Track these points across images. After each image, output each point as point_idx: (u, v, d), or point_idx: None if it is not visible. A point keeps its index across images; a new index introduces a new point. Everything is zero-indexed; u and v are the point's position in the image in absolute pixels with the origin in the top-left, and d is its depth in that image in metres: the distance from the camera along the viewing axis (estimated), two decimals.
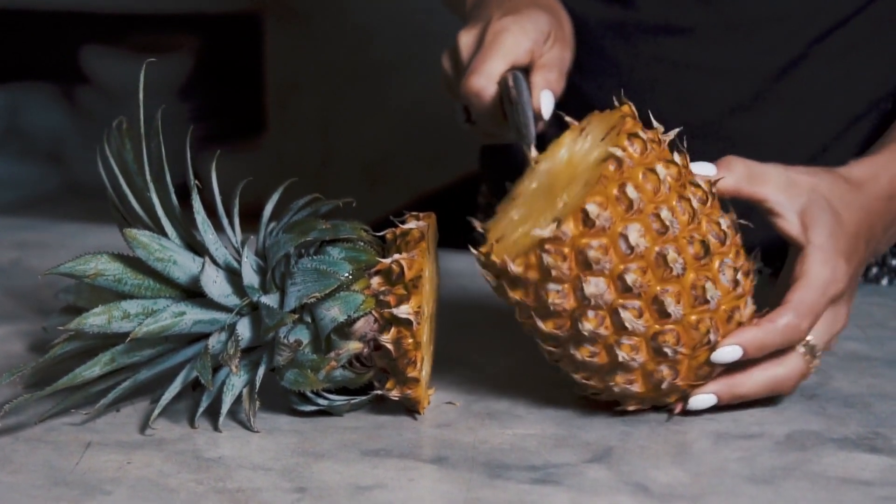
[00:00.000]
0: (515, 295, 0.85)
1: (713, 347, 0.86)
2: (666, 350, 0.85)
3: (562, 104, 1.24)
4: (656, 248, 0.84)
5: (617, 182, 0.84)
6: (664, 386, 0.86)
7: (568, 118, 0.91)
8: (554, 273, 0.83)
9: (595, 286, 0.83)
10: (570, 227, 0.83)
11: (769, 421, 0.90)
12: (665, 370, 0.86)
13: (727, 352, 0.86)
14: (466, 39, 1.06)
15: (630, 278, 0.83)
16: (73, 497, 0.80)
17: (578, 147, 0.89)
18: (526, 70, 1.04)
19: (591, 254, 0.83)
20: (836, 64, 1.17)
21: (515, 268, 0.84)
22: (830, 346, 0.93)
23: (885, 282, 1.24)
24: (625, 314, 0.84)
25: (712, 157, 1.20)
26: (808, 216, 0.91)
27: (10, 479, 0.82)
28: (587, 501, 0.79)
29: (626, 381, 0.86)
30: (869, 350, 1.03)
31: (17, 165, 2.94)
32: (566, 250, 0.83)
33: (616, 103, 0.88)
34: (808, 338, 0.90)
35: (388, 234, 0.91)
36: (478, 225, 0.89)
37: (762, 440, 0.87)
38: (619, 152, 0.84)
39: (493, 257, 0.86)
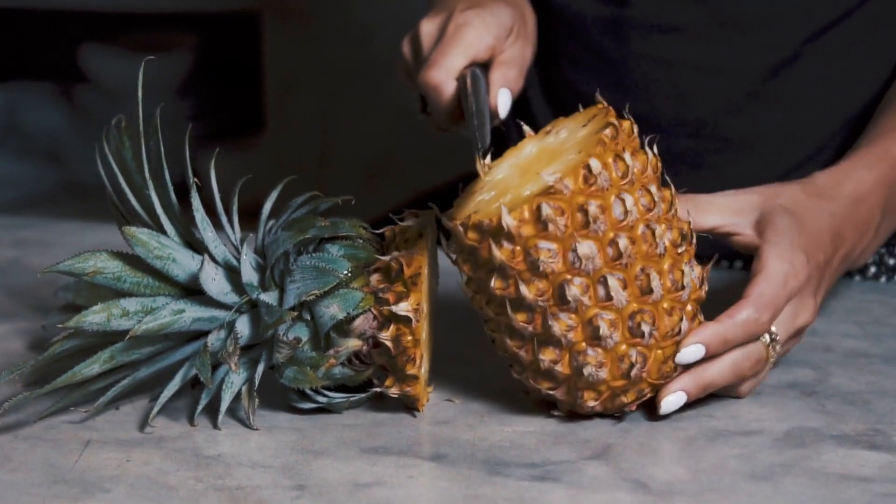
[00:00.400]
0: (502, 254, 0.83)
1: (680, 340, 0.86)
2: (644, 329, 0.84)
3: (559, 100, 1.25)
4: (644, 222, 0.85)
5: (612, 151, 0.84)
6: (632, 374, 0.85)
7: (526, 127, 0.91)
8: (550, 228, 0.83)
9: (588, 248, 0.83)
10: (570, 182, 0.83)
11: (768, 418, 0.90)
12: (635, 355, 0.85)
13: (690, 351, 0.86)
14: (428, 28, 1.05)
15: (622, 244, 0.84)
16: (73, 495, 0.80)
17: (551, 140, 0.89)
18: (486, 66, 1.03)
19: (592, 210, 0.83)
20: (830, 63, 1.17)
21: (511, 220, 0.83)
22: (800, 338, 0.94)
23: (883, 280, 1.24)
24: (612, 282, 0.84)
25: (708, 156, 1.21)
26: (762, 223, 0.93)
27: (9, 477, 0.82)
28: (586, 498, 0.79)
29: (597, 364, 0.85)
30: (868, 347, 1.03)
31: (15, 164, 2.94)
32: (564, 206, 0.83)
33: (600, 100, 0.88)
34: (772, 329, 0.90)
35: (387, 231, 0.91)
36: (441, 216, 0.88)
37: (761, 437, 0.87)
38: (615, 121, 0.85)
39: (481, 217, 0.84)
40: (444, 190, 0.98)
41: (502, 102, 1.01)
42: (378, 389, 0.89)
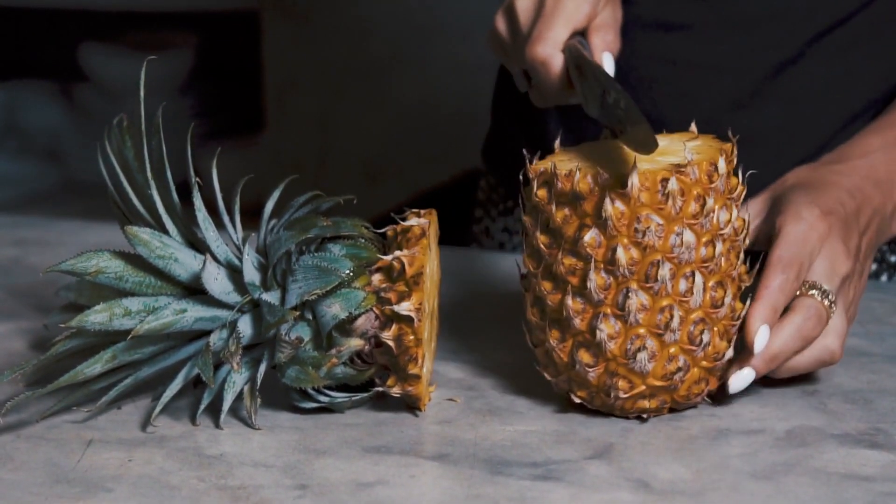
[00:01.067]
0: (613, 211, 0.84)
1: (721, 366, 0.88)
2: (703, 338, 0.86)
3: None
4: (732, 241, 0.88)
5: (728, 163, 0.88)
6: (675, 378, 0.86)
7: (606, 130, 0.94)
8: (669, 203, 0.84)
9: (692, 237, 0.85)
10: (698, 170, 0.85)
11: (770, 417, 0.90)
12: (683, 361, 0.86)
13: (761, 335, 0.88)
14: (524, 3, 1.05)
15: (718, 249, 0.86)
16: (75, 494, 0.80)
17: (677, 144, 0.90)
18: (582, 33, 1.04)
19: (709, 204, 0.85)
20: (834, 62, 1.17)
21: (637, 180, 0.83)
22: (851, 287, 0.95)
23: (884, 278, 1.24)
24: (699, 279, 0.85)
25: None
26: (777, 206, 0.96)
27: (11, 476, 0.82)
28: (588, 498, 0.79)
29: (650, 354, 0.85)
30: (869, 346, 1.03)
31: (15, 163, 2.94)
32: (686, 188, 0.85)
33: (730, 135, 0.91)
34: (814, 279, 0.92)
35: (388, 230, 0.91)
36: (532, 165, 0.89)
37: (763, 436, 0.87)
38: (723, 161, 0.87)
39: (602, 170, 0.84)
40: (444, 189, 0.98)
41: (607, 66, 1.02)
42: (380, 389, 0.89)
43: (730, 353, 0.88)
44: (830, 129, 1.17)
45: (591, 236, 0.85)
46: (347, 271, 0.87)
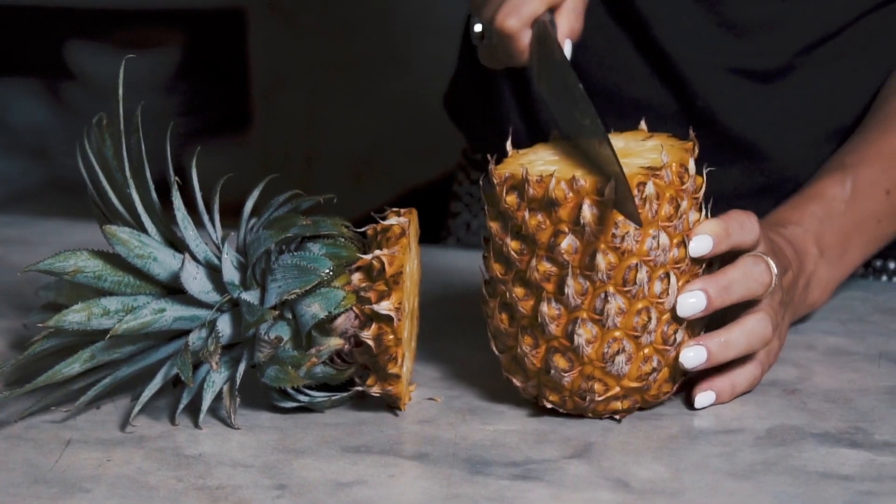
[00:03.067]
0: (591, 217, 0.84)
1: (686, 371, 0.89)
2: (677, 337, 0.87)
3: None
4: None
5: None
6: (650, 379, 0.86)
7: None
8: (646, 207, 0.84)
9: (667, 240, 0.85)
10: (671, 172, 0.85)
11: (749, 416, 0.90)
12: (657, 362, 0.87)
13: (702, 239, 0.88)
14: None
15: (692, 247, 0.87)
16: (53, 495, 0.80)
17: (636, 143, 0.91)
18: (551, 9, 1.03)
19: (683, 206, 0.86)
20: (822, 75, 1.17)
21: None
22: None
23: (870, 280, 1.24)
24: (673, 280, 0.86)
25: (710, 146, 1.20)
26: None
27: None
28: (567, 497, 0.79)
29: (627, 357, 0.85)
30: (850, 345, 1.03)
31: (1, 161, 2.93)
32: (660, 192, 0.85)
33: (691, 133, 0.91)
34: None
35: (368, 230, 0.90)
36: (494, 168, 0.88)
37: (742, 435, 0.87)
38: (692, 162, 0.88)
39: (578, 176, 0.84)
40: (428, 187, 0.98)
41: (566, 52, 1.01)
42: (360, 388, 0.89)
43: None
44: (816, 142, 1.17)
45: (567, 242, 0.85)
46: (327, 270, 0.87)
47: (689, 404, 0.91)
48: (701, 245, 0.88)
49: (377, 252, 0.88)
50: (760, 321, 0.90)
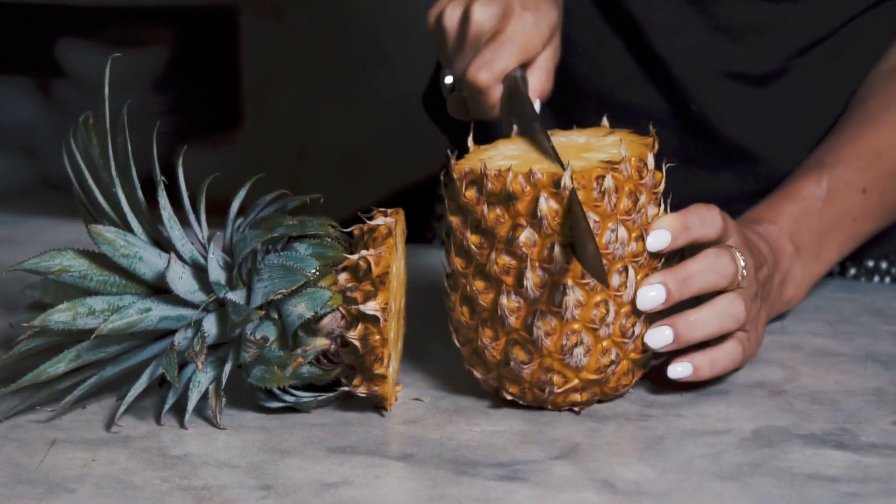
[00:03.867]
0: (548, 210, 0.84)
1: (646, 353, 0.90)
2: (635, 330, 0.87)
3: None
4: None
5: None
6: (608, 371, 0.87)
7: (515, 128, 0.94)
8: (605, 201, 0.85)
9: (625, 233, 0.86)
10: (629, 167, 0.86)
11: (736, 417, 0.90)
12: (615, 355, 0.87)
13: (659, 234, 0.88)
14: (481, 16, 1.02)
15: (650, 242, 0.87)
16: (37, 495, 0.79)
17: (563, 140, 0.91)
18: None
19: (641, 200, 0.86)
20: (816, 78, 1.17)
21: (569, 180, 0.84)
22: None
23: (862, 281, 1.24)
24: (632, 273, 0.86)
25: (704, 150, 1.20)
26: None
27: None
28: (553, 498, 0.79)
29: (586, 350, 0.86)
30: (837, 346, 1.03)
31: None
32: (619, 185, 0.85)
33: (651, 129, 0.91)
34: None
35: (355, 230, 0.90)
36: (454, 161, 0.88)
37: (729, 436, 0.87)
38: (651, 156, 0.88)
39: (537, 169, 0.84)
40: (421, 186, 0.98)
41: (536, 108, 1.02)
42: (346, 388, 0.89)
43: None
44: (810, 145, 1.17)
45: (525, 236, 0.85)
46: (313, 270, 0.87)
47: (678, 406, 0.91)
48: (658, 240, 0.88)
49: (364, 252, 0.88)
50: (732, 301, 0.90)
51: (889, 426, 0.88)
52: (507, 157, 0.89)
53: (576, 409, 0.90)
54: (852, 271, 1.24)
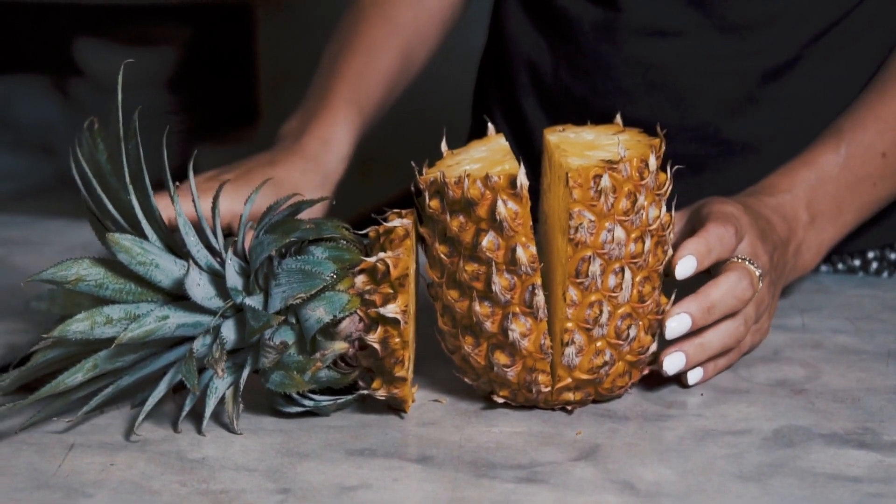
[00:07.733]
0: (509, 212, 0.84)
1: (647, 359, 0.90)
2: (630, 333, 0.87)
3: (552, 102, 1.24)
4: (658, 237, 0.88)
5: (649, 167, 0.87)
6: (601, 372, 0.87)
7: (491, 126, 0.95)
8: (601, 200, 0.84)
9: (622, 234, 0.85)
10: (629, 167, 0.85)
11: (757, 417, 0.89)
12: (609, 356, 0.87)
13: (685, 262, 0.90)
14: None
15: (648, 243, 0.87)
16: (56, 500, 0.79)
17: (571, 136, 0.91)
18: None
19: (640, 201, 0.86)
20: (829, 65, 1.16)
21: (525, 180, 0.84)
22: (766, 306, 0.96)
23: (885, 275, 1.23)
24: (628, 275, 0.86)
25: (710, 160, 1.20)
26: (693, 219, 0.98)
27: None
28: (573, 500, 0.79)
29: (578, 349, 0.86)
30: (859, 343, 1.02)
31: (9, 157, 2.93)
32: (617, 185, 0.85)
33: (658, 130, 0.90)
34: (743, 256, 0.94)
35: (370, 231, 0.90)
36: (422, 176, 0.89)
37: (749, 436, 0.86)
38: (653, 157, 0.87)
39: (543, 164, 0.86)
40: None
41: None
42: (365, 391, 0.89)
43: (654, 347, 0.90)
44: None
45: (488, 240, 0.85)
46: (331, 274, 0.86)
47: (693, 406, 0.91)
48: (687, 266, 0.90)
49: (382, 254, 0.87)
50: (734, 322, 0.93)
51: None
52: (474, 160, 0.89)
53: (568, 408, 0.89)
54: (874, 265, 1.23)
